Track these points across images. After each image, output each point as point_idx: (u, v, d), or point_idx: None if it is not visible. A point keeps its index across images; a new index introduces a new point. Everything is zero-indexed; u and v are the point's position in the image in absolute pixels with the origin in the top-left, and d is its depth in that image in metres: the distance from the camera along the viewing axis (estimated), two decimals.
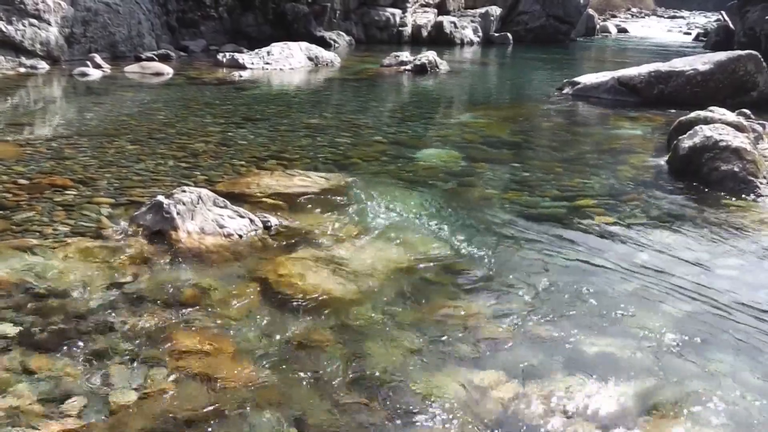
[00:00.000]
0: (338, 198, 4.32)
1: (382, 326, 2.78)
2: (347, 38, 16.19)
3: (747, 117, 6.45)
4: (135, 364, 2.41)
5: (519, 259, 3.53)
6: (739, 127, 5.51)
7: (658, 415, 2.28)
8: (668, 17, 42.86)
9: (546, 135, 7.08)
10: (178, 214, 3.52)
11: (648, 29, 31.88)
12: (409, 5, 18.03)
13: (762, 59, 8.52)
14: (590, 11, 24.96)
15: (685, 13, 46.10)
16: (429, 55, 11.92)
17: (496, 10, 19.96)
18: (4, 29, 9.49)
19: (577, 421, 2.23)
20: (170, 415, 2.16)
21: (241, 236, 3.59)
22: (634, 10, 42.60)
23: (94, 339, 2.55)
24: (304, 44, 12.32)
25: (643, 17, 41.24)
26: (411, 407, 2.28)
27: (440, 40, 17.81)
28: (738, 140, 5.08)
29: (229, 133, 6.08)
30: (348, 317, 2.84)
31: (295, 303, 2.93)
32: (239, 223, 3.66)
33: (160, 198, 3.61)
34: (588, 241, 3.84)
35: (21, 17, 9.72)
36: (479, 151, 5.97)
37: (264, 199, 4.25)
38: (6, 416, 2.08)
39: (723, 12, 22.09)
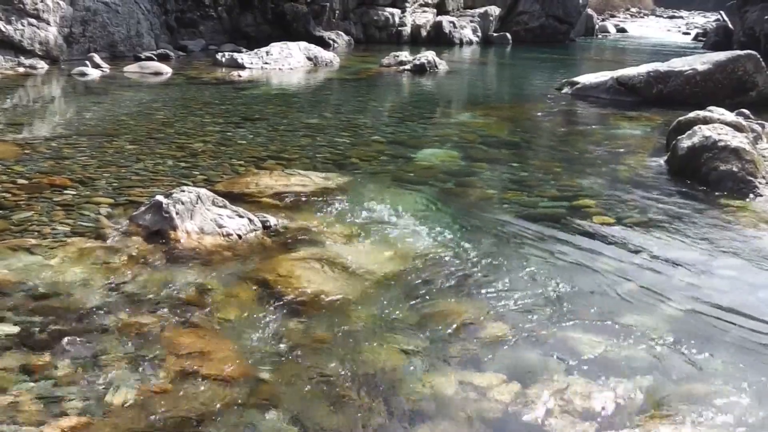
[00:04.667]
0: (337, 198, 4.32)
1: (381, 326, 2.78)
2: (346, 38, 16.19)
3: (746, 117, 6.45)
4: (134, 364, 2.41)
5: (518, 259, 3.53)
6: (738, 127, 5.51)
7: (657, 415, 2.28)
8: (667, 17, 42.89)
9: (545, 135, 7.09)
10: (177, 213, 3.51)
11: (647, 29, 31.90)
12: (408, 5, 18.02)
13: (761, 59, 8.53)
14: (589, 11, 24.98)
15: (684, 13, 46.13)
16: (428, 55, 11.92)
17: (495, 10, 19.95)
18: (3, 29, 9.49)
19: (576, 421, 2.23)
20: (169, 415, 2.16)
21: (240, 236, 3.59)
22: (633, 9, 42.63)
23: (93, 339, 2.55)
24: (303, 44, 12.32)
25: (642, 17, 41.28)
26: (410, 407, 2.28)
27: (439, 39, 17.82)
28: (737, 140, 5.08)
29: (228, 133, 6.08)
30: (347, 317, 2.84)
31: (294, 303, 2.93)
32: (238, 223, 3.66)
33: (159, 198, 3.61)
34: (586, 241, 3.84)
35: (20, 17, 9.71)
36: (478, 150, 5.97)
37: (263, 199, 4.25)
38: (5, 416, 2.08)
39: (722, 12, 22.11)
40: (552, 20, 20.76)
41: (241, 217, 3.71)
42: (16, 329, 2.58)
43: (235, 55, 11.22)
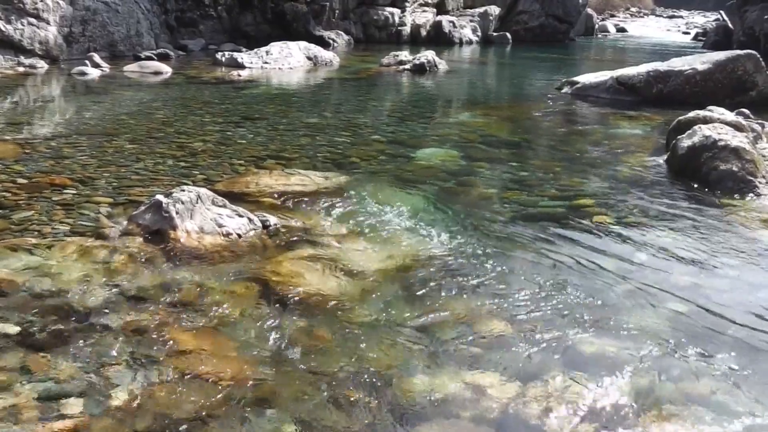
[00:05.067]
0: (337, 197, 4.32)
1: (381, 326, 2.78)
2: (346, 38, 16.19)
3: (746, 116, 6.45)
4: (134, 364, 2.41)
5: (517, 258, 3.53)
6: (738, 127, 5.51)
7: (657, 414, 2.28)
8: (667, 17, 42.89)
9: (545, 134, 7.09)
10: (177, 213, 3.51)
11: (647, 29, 31.90)
12: (408, 5, 18.02)
13: (761, 59, 8.53)
14: (589, 11, 24.99)
15: (684, 13, 46.13)
16: (428, 55, 11.92)
17: (495, 10, 19.96)
18: (3, 28, 9.49)
19: (576, 420, 2.23)
20: (169, 414, 2.16)
21: (240, 235, 3.59)
22: (633, 9, 42.64)
23: (93, 338, 2.55)
24: (303, 44, 12.32)
25: (642, 17, 41.29)
26: (410, 407, 2.28)
27: (439, 39, 17.82)
28: (737, 140, 5.08)
29: (228, 133, 6.08)
30: (347, 317, 2.84)
31: (294, 302, 2.93)
32: (238, 223, 3.66)
33: (159, 197, 3.61)
34: (586, 240, 3.84)
35: (20, 16, 9.71)
36: (478, 150, 5.97)
37: (263, 199, 4.25)
38: (5, 416, 2.08)
39: (722, 11, 22.11)
40: (552, 20, 20.76)
41: (240, 216, 3.71)
42: (16, 329, 2.57)
43: (235, 54, 11.22)
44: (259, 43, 12.16)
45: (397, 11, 17.59)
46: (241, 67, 10.69)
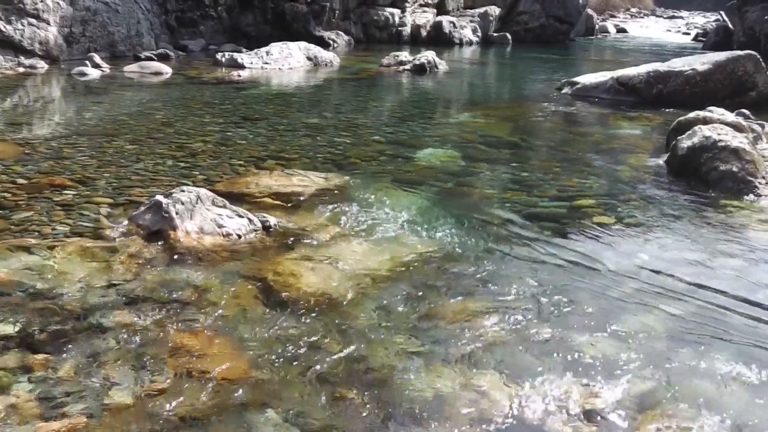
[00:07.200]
0: (337, 198, 4.32)
1: (380, 326, 2.78)
2: (346, 38, 16.18)
3: (746, 117, 6.46)
4: (133, 364, 2.41)
5: (517, 259, 3.53)
6: (738, 127, 5.52)
7: (658, 415, 2.28)
8: (667, 17, 42.87)
9: (545, 135, 7.08)
10: (176, 213, 3.51)
11: (647, 29, 31.89)
12: (408, 5, 18.01)
13: (761, 59, 8.53)
14: (589, 11, 24.97)
15: (684, 13, 46.11)
16: (428, 55, 11.91)
17: (495, 10, 19.94)
18: (3, 28, 9.49)
19: (576, 421, 2.23)
20: (168, 414, 2.16)
21: (240, 236, 3.59)
22: (633, 10, 42.63)
23: (93, 339, 2.55)
24: (303, 44, 12.31)
25: (642, 17, 41.27)
26: (409, 407, 2.28)
27: (439, 40, 17.81)
28: (737, 140, 5.08)
29: (228, 133, 6.08)
30: (346, 317, 2.84)
31: (293, 303, 2.93)
32: (238, 223, 3.66)
33: (159, 197, 3.61)
34: (586, 241, 3.85)
35: (20, 17, 9.71)
36: (478, 150, 5.97)
37: (263, 199, 4.25)
38: (5, 416, 2.08)
39: (722, 12, 22.12)
40: (552, 20, 20.75)
41: (240, 217, 3.71)
42: (15, 329, 2.58)
43: (235, 54, 11.22)
44: (260, 44, 12.15)
45: (397, 11, 17.58)
46: (242, 67, 10.69)
